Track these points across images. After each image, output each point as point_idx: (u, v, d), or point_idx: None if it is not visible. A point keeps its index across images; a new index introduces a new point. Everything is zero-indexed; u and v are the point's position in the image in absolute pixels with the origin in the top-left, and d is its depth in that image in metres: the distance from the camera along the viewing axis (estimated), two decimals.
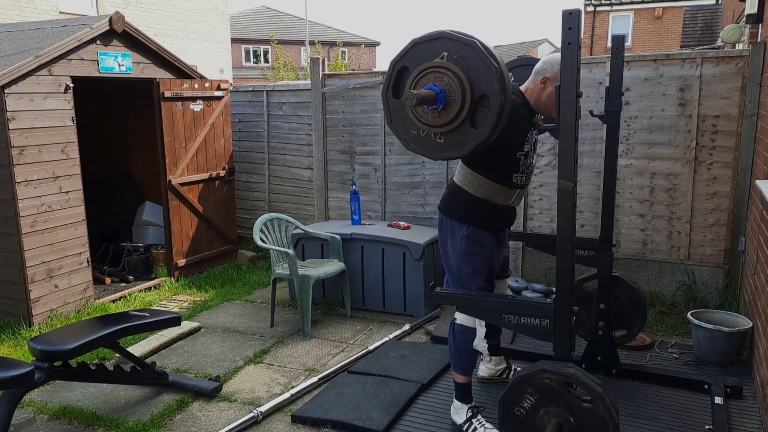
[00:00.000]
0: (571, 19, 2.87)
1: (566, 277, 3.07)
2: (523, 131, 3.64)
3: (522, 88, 3.76)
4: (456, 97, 3.08)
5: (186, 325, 5.87)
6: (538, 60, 4.23)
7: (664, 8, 27.42)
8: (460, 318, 3.91)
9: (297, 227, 6.47)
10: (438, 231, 3.99)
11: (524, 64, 4.60)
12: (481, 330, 3.95)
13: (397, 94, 3.31)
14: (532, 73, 3.75)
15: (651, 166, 6.11)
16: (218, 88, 7.83)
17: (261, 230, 6.03)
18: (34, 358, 3.94)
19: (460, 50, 3.08)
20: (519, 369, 4.61)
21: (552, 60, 3.68)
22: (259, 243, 5.87)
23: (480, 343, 3.96)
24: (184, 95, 7.35)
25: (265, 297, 6.84)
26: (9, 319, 6.03)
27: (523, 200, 6.57)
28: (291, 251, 5.82)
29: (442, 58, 3.12)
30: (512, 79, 4.61)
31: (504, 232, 4.00)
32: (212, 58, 22.73)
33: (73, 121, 6.22)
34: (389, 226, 6.74)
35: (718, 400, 4.21)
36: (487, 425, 3.87)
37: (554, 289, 3.16)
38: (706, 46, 15.02)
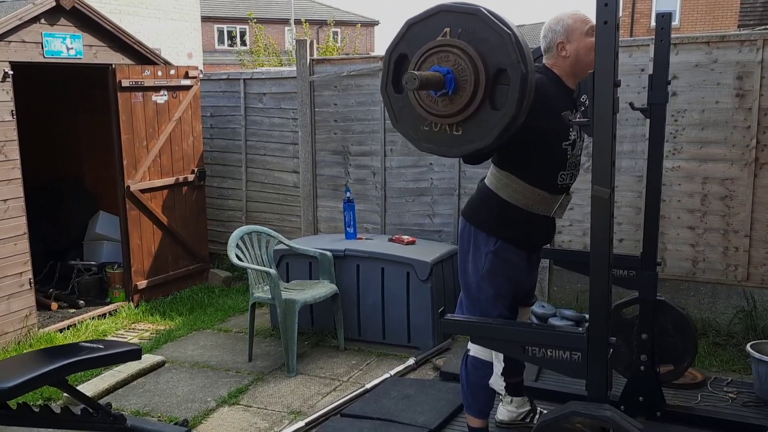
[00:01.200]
0: None
1: (601, 301, 3.08)
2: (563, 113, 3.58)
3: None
4: (467, 76, 3.07)
5: (148, 359, 5.87)
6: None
7: None
8: (474, 349, 3.92)
9: (280, 242, 6.48)
10: (459, 239, 3.98)
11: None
12: (498, 365, 3.96)
13: (399, 89, 3.31)
14: (544, 53, 3.74)
15: (703, 169, 6.12)
16: (186, 76, 7.87)
17: (237, 246, 6.04)
18: None
19: (464, 22, 3.08)
20: (545, 412, 4.61)
21: (552, 23, 3.67)
22: (235, 261, 5.88)
23: (497, 381, 3.97)
24: (146, 84, 7.38)
25: (242, 325, 6.84)
26: None
27: None
28: (273, 271, 5.83)
29: (444, 36, 3.12)
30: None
31: (539, 250, 4.00)
32: (179, 40, 22.81)
33: (12, 115, 6.24)
34: (390, 240, 6.76)
35: None
36: None
37: (587, 316, 3.17)
38: None
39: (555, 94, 3.60)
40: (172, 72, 7.69)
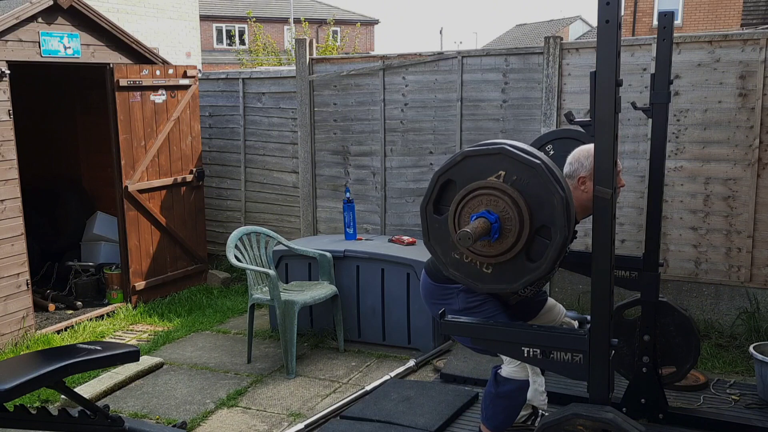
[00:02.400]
0: None
1: (603, 303, 3.08)
2: None
3: None
4: (512, 226, 3.07)
5: (146, 361, 5.88)
6: (582, 132, 4.39)
7: None
8: (508, 371, 3.94)
9: (279, 243, 6.48)
10: (422, 291, 4.13)
11: (566, 137, 4.75)
12: (538, 379, 3.97)
13: (439, 209, 3.30)
14: (564, 175, 3.79)
15: (705, 170, 6.13)
16: (184, 76, 7.87)
17: (236, 246, 6.04)
18: None
19: (520, 172, 3.06)
20: (547, 414, 4.61)
21: (582, 154, 3.75)
22: (234, 262, 5.89)
23: (537, 397, 3.98)
24: (144, 84, 7.38)
25: (241, 327, 6.85)
26: None
27: None
28: (272, 272, 5.83)
29: (497, 177, 3.10)
30: (551, 153, 4.76)
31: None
32: (177, 40, 22.81)
33: (9, 115, 6.24)
34: (390, 241, 6.76)
35: None
36: None
37: (589, 317, 3.17)
38: None
39: None
40: (171, 71, 7.70)
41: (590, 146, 3.74)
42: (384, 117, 7.41)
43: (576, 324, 3.92)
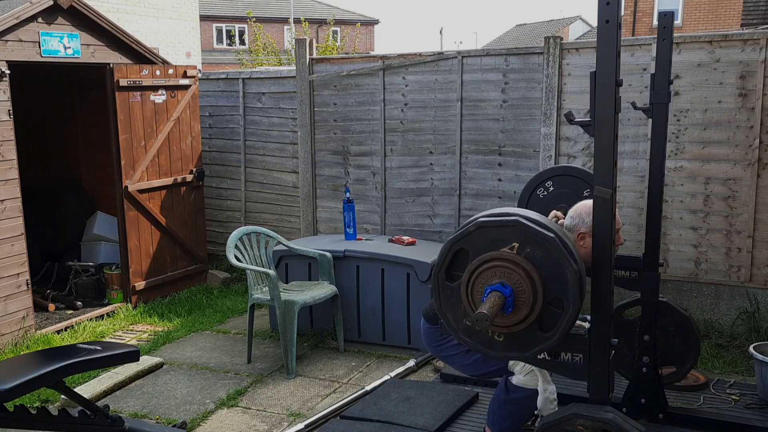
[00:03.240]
0: None
1: (603, 303, 3.09)
2: None
3: None
4: (525, 299, 3.05)
5: (146, 361, 5.88)
6: (583, 170, 4.47)
7: None
8: (519, 379, 3.96)
9: (279, 243, 6.48)
10: (425, 342, 4.33)
11: (565, 174, 4.79)
12: (549, 387, 3.97)
13: (451, 276, 3.27)
14: (565, 228, 3.82)
15: (705, 170, 6.13)
16: (184, 76, 7.87)
17: (236, 246, 6.04)
18: None
19: (534, 245, 3.06)
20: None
21: (583, 210, 3.77)
22: (234, 262, 5.89)
23: (546, 406, 3.98)
24: (144, 84, 7.38)
25: (241, 327, 6.85)
26: None
27: None
28: (272, 272, 5.83)
29: (511, 249, 3.09)
30: (551, 189, 4.77)
31: None
32: (177, 40, 22.81)
33: (9, 115, 6.24)
34: (390, 241, 6.76)
35: None
36: None
37: (588, 317, 3.18)
38: None
39: None
40: (171, 71, 7.70)
41: (590, 202, 3.74)
42: (384, 117, 7.41)
43: (586, 325, 3.93)
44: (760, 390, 4.95)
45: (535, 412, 4.08)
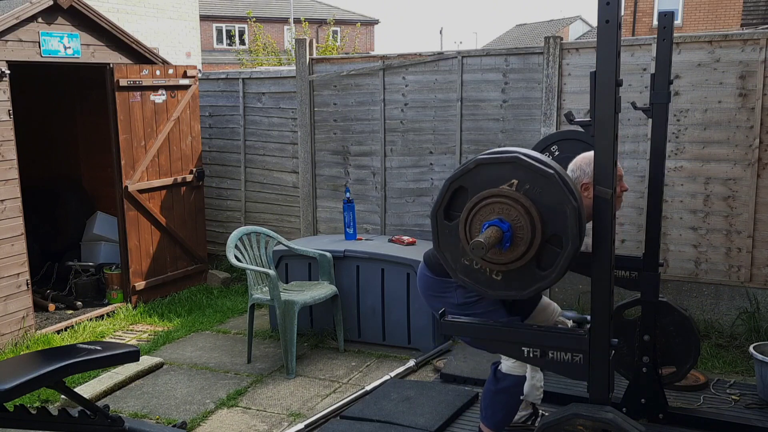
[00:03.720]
0: None
1: (603, 303, 3.09)
2: None
3: None
4: (523, 234, 3.06)
5: (146, 361, 5.88)
6: (577, 131, 4.39)
7: None
8: (507, 366, 3.94)
9: (279, 243, 6.48)
10: (419, 283, 4.09)
11: (571, 138, 4.74)
12: (536, 375, 3.97)
13: (450, 216, 3.29)
14: None
15: (705, 170, 6.13)
16: (184, 76, 7.87)
17: (236, 246, 6.04)
18: None
19: (534, 181, 3.07)
20: (547, 414, 4.62)
21: (583, 161, 3.76)
22: (234, 262, 5.88)
23: (533, 393, 3.98)
24: (144, 84, 7.38)
25: (241, 327, 6.85)
26: None
27: None
28: (272, 272, 5.83)
29: (510, 186, 3.10)
30: (556, 154, 4.75)
31: None
32: (177, 40, 22.81)
33: (9, 115, 6.24)
34: (390, 241, 6.76)
35: None
36: None
37: (588, 317, 3.18)
38: None
39: None
40: (171, 71, 7.70)
41: (591, 153, 3.75)
42: (384, 117, 7.41)
43: (570, 323, 3.94)
44: (760, 390, 4.95)
45: (521, 397, 4.07)
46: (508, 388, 3.97)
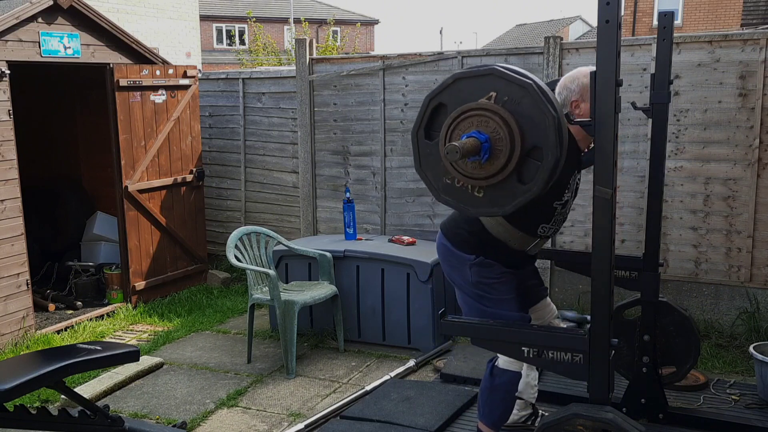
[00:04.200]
0: None
1: (603, 302, 3.09)
2: (566, 174, 3.62)
3: None
4: (502, 147, 3.03)
5: (146, 361, 5.88)
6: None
7: None
8: (503, 361, 3.93)
9: (279, 243, 6.48)
10: (438, 252, 4.04)
11: None
12: (531, 373, 3.97)
13: (430, 135, 3.27)
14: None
15: (705, 170, 6.13)
16: (184, 76, 7.87)
17: (236, 246, 6.04)
18: None
19: (512, 92, 3.05)
20: (546, 414, 4.62)
21: (566, 80, 3.72)
22: (234, 262, 5.88)
23: (527, 391, 3.98)
24: (144, 84, 7.38)
25: (241, 327, 6.85)
26: None
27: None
28: (272, 272, 5.83)
29: (488, 99, 3.08)
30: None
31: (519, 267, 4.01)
32: (177, 40, 22.81)
33: (9, 115, 6.24)
34: (390, 241, 6.76)
35: None
36: None
37: (589, 317, 3.18)
38: None
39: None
40: (171, 71, 7.70)
41: (574, 72, 3.72)
42: (384, 117, 7.41)
43: (563, 325, 3.94)
44: (760, 390, 4.95)
45: (516, 394, 4.06)
46: (504, 384, 3.96)
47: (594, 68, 3.03)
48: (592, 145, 3.13)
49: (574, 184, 3.77)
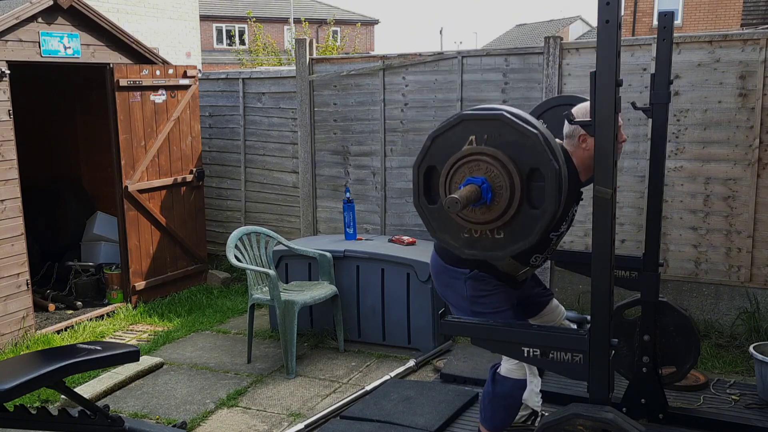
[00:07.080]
0: None
1: (603, 302, 3.09)
2: (566, 206, 3.61)
3: None
4: (502, 182, 3.03)
5: (146, 361, 5.88)
6: (574, 96, 4.34)
7: None
8: (506, 368, 3.93)
9: (279, 243, 6.48)
10: (432, 271, 4.08)
11: (559, 105, 4.68)
12: (535, 380, 3.97)
13: (432, 199, 3.28)
14: (565, 137, 3.78)
15: (705, 170, 6.13)
16: (184, 76, 7.87)
17: (236, 246, 6.04)
18: None
19: (488, 128, 3.05)
20: (546, 414, 4.61)
21: (581, 110, 3.72)
22: (234, 262, 5.89)
23: (532, 398, 3.98)
24: (144, 84, 7.38)
25: (241, 327, 6.85)
26: None
27: None
28: (272, 272, 5.83)
29: (470, 144, 3.09)
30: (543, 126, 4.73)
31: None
32: (177, 40, 22.81)
33: (9, 115, 6.24)
34: (390, 241, 6.76)
35: None
36: None
37: (589, 317, 3.18)
38: None
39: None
40: (171, 71, 7.70)
41: (584, 104, 3.73)
42: (384, 117, 7.41)
43: (574, 326, 3.94)
44: (760, 390, 4.95)
45: (521, 402, 4.07)
46: (506, 392, 3.97)
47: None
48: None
49: (572, 215, 3.79)
